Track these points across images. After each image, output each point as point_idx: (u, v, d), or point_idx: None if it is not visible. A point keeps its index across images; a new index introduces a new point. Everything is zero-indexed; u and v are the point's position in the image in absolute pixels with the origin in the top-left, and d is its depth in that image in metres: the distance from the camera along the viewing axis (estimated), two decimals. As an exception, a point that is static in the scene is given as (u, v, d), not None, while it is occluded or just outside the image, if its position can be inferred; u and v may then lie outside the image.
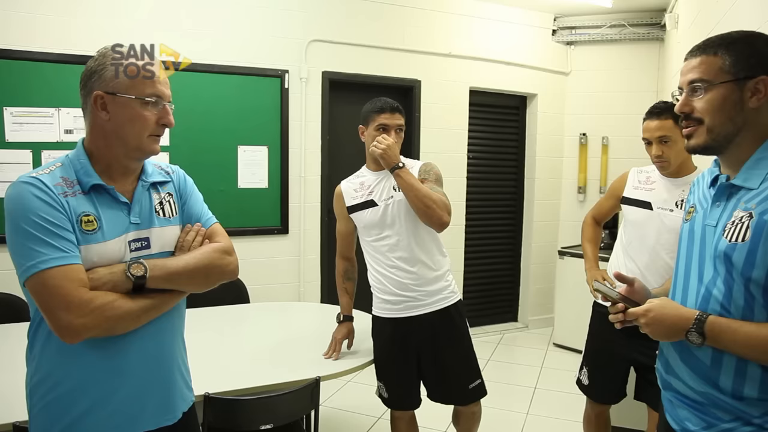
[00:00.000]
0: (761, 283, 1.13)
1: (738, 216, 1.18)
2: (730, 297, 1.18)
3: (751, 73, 1.18)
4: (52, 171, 1.28)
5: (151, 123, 1.33)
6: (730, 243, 1.17)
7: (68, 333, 1.19)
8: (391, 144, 2.20)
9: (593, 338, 2.51)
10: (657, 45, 4.96)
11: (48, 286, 1.18)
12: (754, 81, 1.18)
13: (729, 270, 1.18)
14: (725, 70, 1.20)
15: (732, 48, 1.21)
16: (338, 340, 2.39)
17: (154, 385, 1.38)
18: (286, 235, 4.17)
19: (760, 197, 1.16)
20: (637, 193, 2.34)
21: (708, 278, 1.23)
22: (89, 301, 1.20)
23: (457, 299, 2.38)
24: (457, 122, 4.81)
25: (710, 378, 1.21)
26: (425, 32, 4.58)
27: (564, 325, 4.78)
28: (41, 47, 3.36)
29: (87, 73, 1.31)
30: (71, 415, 1.27)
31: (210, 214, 1.54)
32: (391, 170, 2.19)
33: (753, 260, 1.13)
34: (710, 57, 1.22)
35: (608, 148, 5.15)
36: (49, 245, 1.19)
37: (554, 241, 5.31)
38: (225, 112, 3.91)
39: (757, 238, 1.13)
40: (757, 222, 1.14)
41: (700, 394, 1.24)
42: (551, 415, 3.51)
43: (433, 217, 2.16)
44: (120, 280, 1.26)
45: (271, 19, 4.03)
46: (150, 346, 1.36)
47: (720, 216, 1.24)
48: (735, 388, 1.17)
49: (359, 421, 3.42)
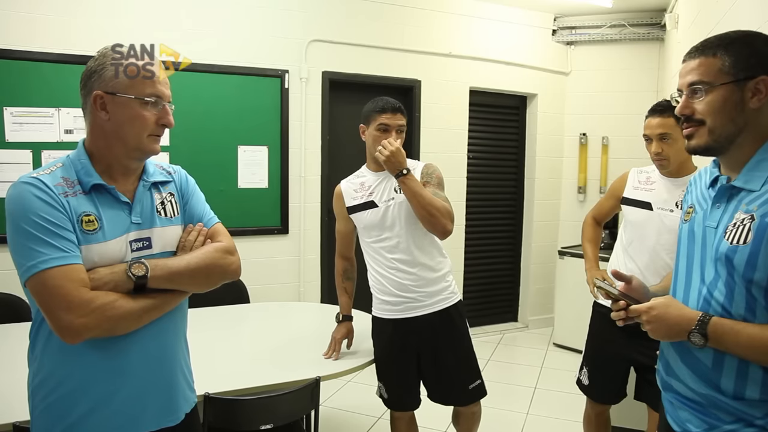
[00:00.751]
0: (763, 285, 1.13)
1: (739, 218, 1.17)
2: (732, 299, 1.17)
3: (751, 74, 1.17)
4: (53, 171, 1.28)
5: (150, 123, 1.33)
6: (732, 245, 1.16)
7: (69, 333, 1.19)
8: (395, 150, 2.16)
9: (593, 338, 2.51)
10: (657, 45, 4.96)
11: (48, 286, 1.18)
12: (754, 81, 1.17)
13: (730, 272, 1.17)
14: (725, 71, 1.19)
15: (731, 48, 1.19)
16: (338, 340, 2.39)
17: (156, 386, 1.38)
18: (286, 235, 4.17)
19: (762, 199, 1.15)
20: (637, 193, 2.34)
21: (709, 280, 1.23)
22: (90, 301, 1.20)
23: (457, 300, 2.38)
24: (457, 122, 4.81)
25: (711, 380, 1.21)
26: (425, 32, 4.58)
27: (564, 325, 4.78)
28: (41, 47, 3.36)
29: (87, 73, 1.31)
30: (73, 415, 1.27)
31: (212, 214, 1.54)
32: (396, 176, 2.17)
33: (755, 262, 1.13)
34: (709, 58, 1.21)
35: (608, 148, 5.15)
36: (50, 245, 1.19)
37: (554, 241, 5.31)
38: (225, 112, 3.91)
39: (759, 241, 1.12)
40: (759, 224, 1.13)
41: (702, 395, 1.23)
42: (551, 415, 3.51)
43: (437, 226, 2.17)
44: (121, 279, 1.26)
45: (271, 19, 4.02)
46: (152, 347, 1.36)
47: (721, 217, 1.23)
48: (737, 390, 1.17)
49: (359, 421, 3.42)
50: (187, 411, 1.47)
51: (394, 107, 2.28)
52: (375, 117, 2.28)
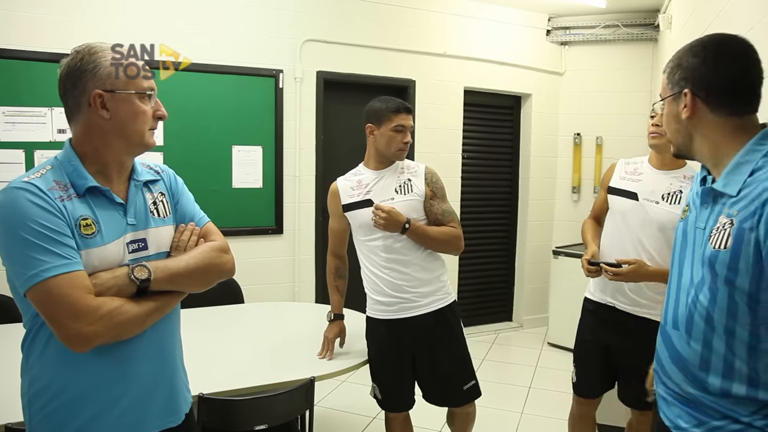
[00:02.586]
0: (745, 290, 1.13)
1: (722, 222, 1.18)
2: (714, 303, 1.18)
3: (679, 88, 1.26)
4: (44, 174, 1.24)
5: (150, 116, 1.34)
6: (714, 250, 1.18)
7: (78, 342, 1.17)
8: (389, 210, 2.18)
9: (581, 335, 2.49)
10: (651, 45, 4.98)
11: (54, 294, 1.15)
12: (682, 94, 1.25)
13: (713, 276, 1.18)
14: (666, 86, 1.31)
15: (669, 65, 1.30)
16: (330, 340, 2.39)
17: (159, 388, 1.37)
18: (280, 235, 4.16)
19: (740, 204, 1.16)
20: (623, 183, 2.31)
21: (697, 281, 1.24)
22: (97, 308, 1.18)
23: (451, 300, 2.38)
24: (451, 122, 4.82)
25: (698, 378, 1.23)
26: (420, 32, 4.58)
27: (558, 324, 4.79)
28: (34, 46, 3.35)
29: (75, 72, 1.27)
30: (76, 422, 1.25)
31: (202, 213, 1.53)
32: (401, 232, 2.21)
33: (736, 268, 1.14)
34: (663, 75, 1.33)
35: (602, 148, 5.17)
36: (51, 252, 1.16)
37: (549, 241, 5.32)
38: (219, 112, 3.90)
39: (738, 246, 1.13)
40: (737, 230, 1.14)
41: (690, 393, 1.25)
42: (546, 415, 3.52)
43: (451, 252, 2.36)
44: (124, 284, 1.24)
45: (266, 19, 4.02)
46: (153, 349, 1.35)
47: (708, 219, 1.24)
48: (723, 386, 1.18)
49: (354, 422, 3.42)
50: (186, 411, 1.47)
51: (407, 108, 2.32)
52: (390, 117, 2.28)
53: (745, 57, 1.21)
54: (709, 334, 1.20)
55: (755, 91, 1.21)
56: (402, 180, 2.32)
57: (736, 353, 1.16)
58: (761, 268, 1.10)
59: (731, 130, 1.21)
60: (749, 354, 1.14)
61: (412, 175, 2.34)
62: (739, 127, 1.21)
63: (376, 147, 2.34)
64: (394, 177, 2.33)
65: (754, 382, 1.14)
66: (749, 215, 1.12)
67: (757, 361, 1.14)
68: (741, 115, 1.21)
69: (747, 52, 1.21)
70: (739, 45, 1.23)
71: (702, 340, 1.22)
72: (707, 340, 1.21)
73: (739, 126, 1.21)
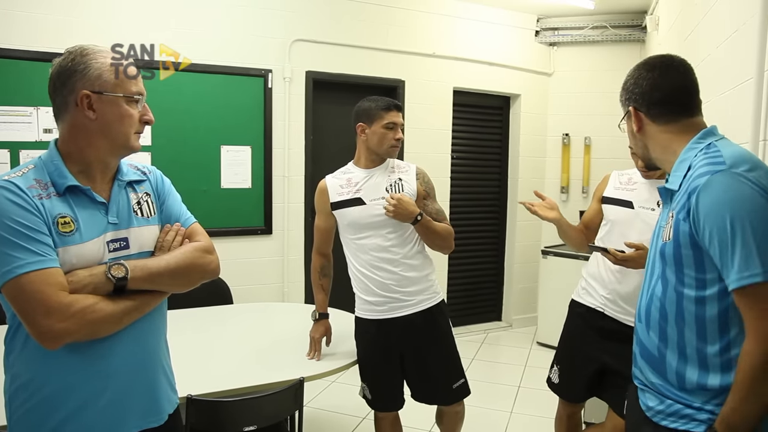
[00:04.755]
0: (691, 278, 1.23)
1: (669, 216, 1.30)
2: (665, 295, 1.30)
3: (626, 107, 1.45)
4: (25, 173, 1.25)
5: (136, 120, 1.34)
6: (663, 242, 1.30)
7: (49, 338, 1.17)
8: (400, 198, 2.20)
9: (568, 337, 2.48)
10: (638, 46, 5.02)
11: (26, 291, 1.16)
12: (629, 113, 1.43)
13: (663, 268, 1.30)
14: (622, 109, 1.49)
15: (620, 91, 1.49)
16: (317, 340, 2.37)
17: (139, 388, 1.36)
18: (269, 235, 4.14)
19: (678, 198, 1.27)
20: (618, 192, 2.34)
21: (656, 276, 1.35)
22: (69, 305, 1.18)
23: (439, 299, 2.38)
24: (440, 122, 4.83)
25: (659, 368, 1.33)
26: (409, 32, 4.59)
27: (547, 323, 4.82)
28: (19, 45, 3.31)
29: (64, 72, 1.28)
30: (54, 419, 1.25)
31: (189, 214, 1.53)
32: (413, 222, 2.23)
33: (679, 257, 1.25)
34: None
35: (590, 149, 5.20)
36: (26, 249, 1.17)
37: (537, 241, 5.34)
38: (208, 112, 3.88)
39: (677, 237, 1.24)
40: (675, 222, 1.25)
41: (653, 383, 1.35)
42: (535, 414, 3.53)
43: (444, 249, 2.39)
44: (100, 282, 1.24)
45: (254, 19, 4.00)
46: (133, 348, 1.34)
47: (665, 215, 1.36)
48: (678, 374, 1.28)
49: (343, 422, 3.42)
50: (170, 412, 1.46)
51: (398, 106, 2.35)
52: (381, 115, 2.29)
53: (672, 69, 1.39)
54: (663, 324, 1.30)
55: (689, 98, 1.36)
56: (392, 179, 2.33)
57: (686, 341, 1.26)
58: (701, 257, 1.21)
59: (675, 134, 1.35)
60: (699, 341, 1.24)
61: (402, 175, 2.35)
62: (681, 131, 1.35)
63: (367, 145, 2.34)
64: (385, 176, 2.33)
65: (705, 367, 1.23)
66: (682, 207, 1.24)
67: (706, 347, 1.23)
68: (679, 120, 1.35)
69: (672, 66, 1.39)
70: (666, 61, 1.40)
71: (658, 330, 1.32)
72: (662, 330, 1.31)
73: (681, 130, 1.35)
